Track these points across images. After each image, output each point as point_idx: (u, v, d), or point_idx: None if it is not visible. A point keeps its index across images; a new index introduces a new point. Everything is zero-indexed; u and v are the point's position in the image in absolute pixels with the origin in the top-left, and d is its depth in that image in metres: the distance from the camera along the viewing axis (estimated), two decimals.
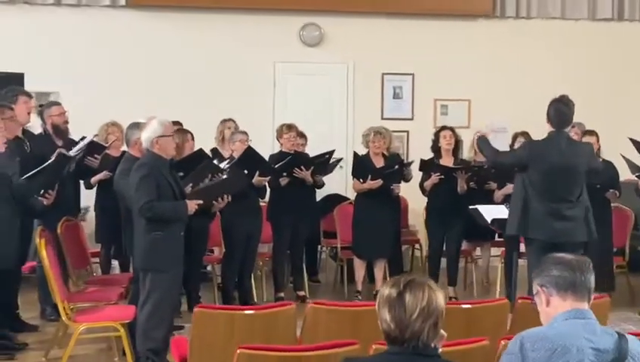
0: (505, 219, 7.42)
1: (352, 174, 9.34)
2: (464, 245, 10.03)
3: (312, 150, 9.54)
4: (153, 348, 6.17)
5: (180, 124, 9.14)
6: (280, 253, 9.35)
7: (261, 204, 9.18)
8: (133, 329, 6.41)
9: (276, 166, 8.84)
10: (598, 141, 8.82)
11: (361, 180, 9.15)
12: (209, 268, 9.64)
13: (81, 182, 8.61)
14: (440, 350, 3.08)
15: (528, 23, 11.85)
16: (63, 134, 8.44)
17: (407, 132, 11.49)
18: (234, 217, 8.63)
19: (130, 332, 6.48)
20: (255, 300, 9.06)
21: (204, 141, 9.08)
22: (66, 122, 8.54)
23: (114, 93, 10.58)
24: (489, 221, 7.77)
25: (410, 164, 9.45)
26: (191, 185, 7.09)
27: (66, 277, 7.58)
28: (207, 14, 11.08)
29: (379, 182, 9.04)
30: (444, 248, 9.39)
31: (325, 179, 9.58)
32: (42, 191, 6.92)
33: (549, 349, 3.13)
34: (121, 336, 6.45)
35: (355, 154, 9.42)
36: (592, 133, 8.95)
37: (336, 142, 10.78)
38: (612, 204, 9.16)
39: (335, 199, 10.30)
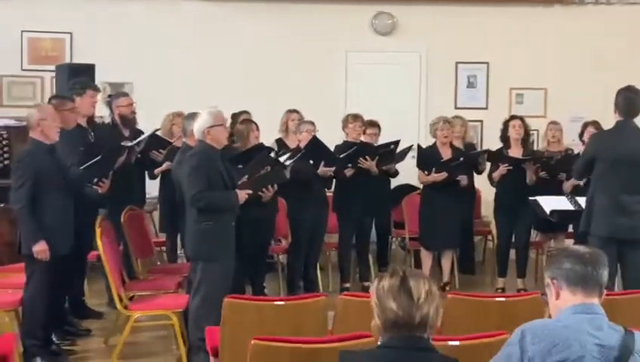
0: (565, 211, 7.25)
1: (417, 166, 9.23)
2: (537, 236, 9.89)
3: (385, 140, 9.40)
4: (204, 337, 6.24)
5: (248, 114, 9.21)
6: (345, 243, 9.30)
7: (328, 194, 9.25)
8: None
9: (341, 156, 8.80)
10: None
11: (426, 172, 9.05)
12: (281, 258, 9.67)
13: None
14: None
15: (608, 8, 11.48)
16: (130, 124, 8.58)
17: (482, 121, 11.30)
18: (300, 208, 8.70)
19: (185, 320, 6.57)
20: (321, 290, 9.07)
21: (275, 131, 9.18)
22: (134, 112, 8.68)
23: (186, 84, 10.66)
24: (548, 212, 7.58)
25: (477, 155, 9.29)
26: (246, 177, 7.12)
27: (129, 266, 7.76)
28: (278, 4, 11.09)
29: (443, 175, 8.91)
30: (513, 239, 9.26)
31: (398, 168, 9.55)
32: (96, 179, 7.00)
33: (550, 343, 3.05)
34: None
35: (419, 147, 9.31)
36: None
37: (409, 132, 10.71)
38: None
39: (406, 189, 10.20)
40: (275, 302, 4.60)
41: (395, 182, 9.88)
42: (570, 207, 7.39)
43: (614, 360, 3.05)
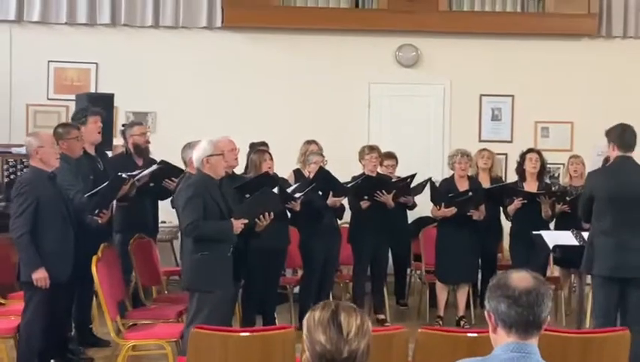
0: (568, 246, 7.12)
1: (430, 200, 9.15)
2: (557, 272, 9.71)
3: (408, 172, 9.30)
4: None
5: (266, 145, 9.20)
6: (360, 275, 9.20)
7: (342, 225, 9.22)
8: None
9: (348, 186, 8.76)
10: None
11: (438, 206, 8.96)
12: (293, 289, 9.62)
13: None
14: None
15: (636, 42, 11.36)
16: (143, 153, 8.59)
17: (506, 155, 11.17)
18: (310, 238, 8.65)
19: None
20: None
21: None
22: (147, 141, 8.70)
23: (209, 113, 10.68)
24: (550, 247, 7.44)
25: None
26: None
27: (134, 294, 7.78)
28: (301, 35, 11.10)
29: (452, 210, 8.81)
30: None
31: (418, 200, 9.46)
32: (97, 210, 7.00)
33: None
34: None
35: (431, 181, 9.22)
36: None
37: (432, 164, 10.64)
38: None
39: (425, 221, 10.12)
40: (241, 334, 4.55)
41: (415, 214, 9.80)
42: (574, 242, 7.24)
43: None
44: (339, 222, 9.12)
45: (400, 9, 11.02)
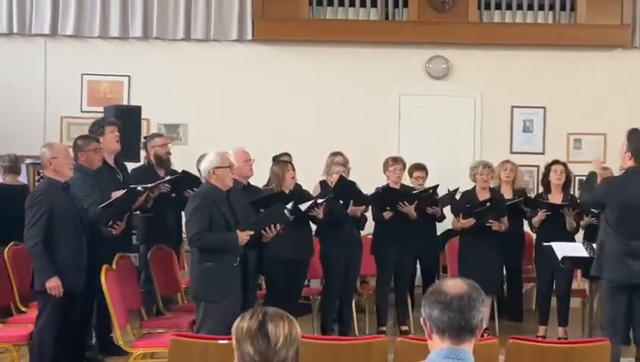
0: (577, 258, 7.07)
1: (451, 211, 9.15)
2: (583, 284, 9.60)
3: (440, 183, 9.31)
4: None
5: (289, 156, 9.25)
6: (382, 286, 9.18)
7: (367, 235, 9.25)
8: None
9: (368, 196, 8.78)
10: None
11: (457, 218, 8.94)
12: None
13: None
14: None
15: None
16: (165, 165, 8.71)
17: (538, 167, 11.06)
18: (331, 248, 8.71)
19: None
20: (356, 333, 9.01)
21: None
22: (169, 153, 8.82)
23: (239, 125, 10.70)
24: (560, 259, 7.39)
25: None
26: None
27: (150, 303, 7.88)
28: (331, 47, 11.11)
29: (470, 221, 8.77)
30: (555, 286, 9.02)
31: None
32: (111, 222, 7.06)
33: None
34: None
35: (451, 192, 9.20)
36: None
37: (463, 176, 10.55)
38: None
39: (453, 233, 10.05)
40: (220, 341, 4.59)
41: (445, 226, 9.76)
42: (584, 253, 7.18)
43: None
44: (362, 232, 9.16)
45: (430, 21, 11.00)
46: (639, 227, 6.53)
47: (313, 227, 8.74)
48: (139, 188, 7.43)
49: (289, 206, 7.55)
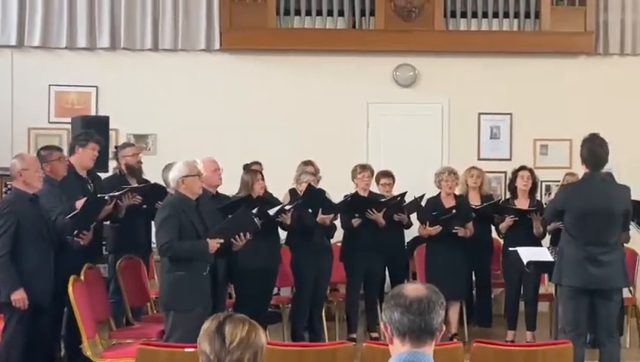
0: (541, 262, 7.14)
1: (418, 218, 9.22)
2: (550, 288, 9.68)
3: (408, 190, 9.33)
4: None
5: (260, 165, 9.27)
6: (353, 293, 9.23)
7: (335, 243, 9.28)
8: None
9: (337, 204, 8.82)
10: None
11: (424, 225, 9.00)
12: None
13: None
14: None
15: (634, 59, 11.30)
16: (136, 174, 8.68)
17: (505, 173, 11.13)
18: (301, 257, 8.74)
19: None
20: (326, 341, 9.02)
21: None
22: (140, 162, 8.79)
23: (208, 135, 10.67)
24: (525, 264, 7.47)
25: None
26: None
27: (119, 314, 7.86)
28: (299, 56, 11.13)
29: (437, 228, 8.86)
30: (522, 291, 9.09)
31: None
32: (76, 231, 7.01)
33: None
34: None
35: (417, 199, 9.25)
36: None
37: (431, 183, 10.62)
38: None
39: (421, 240, 10.09)
40: (186, 349, 4.60)
41: (413, 233, 9.80)
42: (550, 258, 7.25)
43: None
44: (332, 241, 9.19)
45: (397, 29, 11.04)
46: (595, 233, 6.57)
47: (282, 235, 8.77)
48: (106, 197, 7.40)
49: (254, 211, 7.57)
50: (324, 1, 11.02)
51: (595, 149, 6.67)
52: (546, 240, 8.98)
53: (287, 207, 8.36)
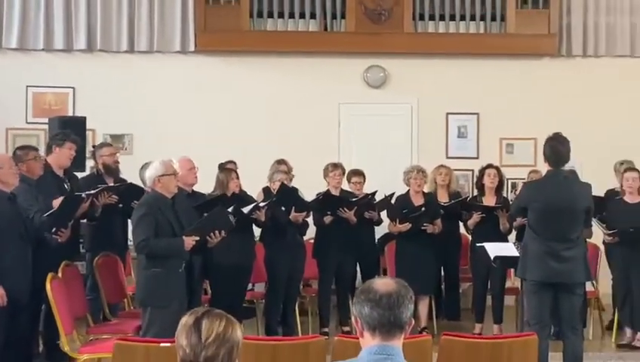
0: (507, 257, 7.19)
1: (388, 216, 9.25)
2: (517, 282, 9.74)
3: (379, 188, 9.36)
4: None
5: (234, 164, 9.26)
6: (325, 289, 9.26)
7: (308, 240, 9.29)
8: None
9: (309, 202, 8.84)
10: None
11: (394, 223, 9.05)
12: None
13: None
14: None
15: (596, 61, 11.40)
16: (113, 173, 8.63)
17: (472, 171, 11.19)
18: (275, 253, 8.73)
19: None
20: (300, 335, 9.03)
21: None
22: (117, 162, 8.75)
23: (184, 134, 10.65)
24: (492, 258, 7.53)
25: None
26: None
27: (96, 310, 7.83)
28: (272, 58, 11.13)
29: (407, 225, 8.90)
30: (489, 285, 9.15)
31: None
32: (54, 229, 6.97)
33: None
34: None
35: (387, 197, 9.28)
36: (632, 167, 8.90)
37: (400, 181, 10.65)
38: None
39: (392, 237, 10.13)
40: (162, 344, 4.58)
41: (383, 230, 9.82)
42: (515, 253, 7.29)
43: None
44: (305, 238, 9.20)
45: (367, 31, 11.06)
46: (558, 229, 6.60)
47: (256, 232, 8.77)
48: (83, 195, 7.37)
49: (230, 209, 7.56)
50: (297, 4, 11.01)
51: (557, 147, 6.71)
52: (513, 236, 9.04)
53: (261, 205, 8.36)
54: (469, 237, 9.36)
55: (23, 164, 7.09)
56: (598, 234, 8.81)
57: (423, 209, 8.94)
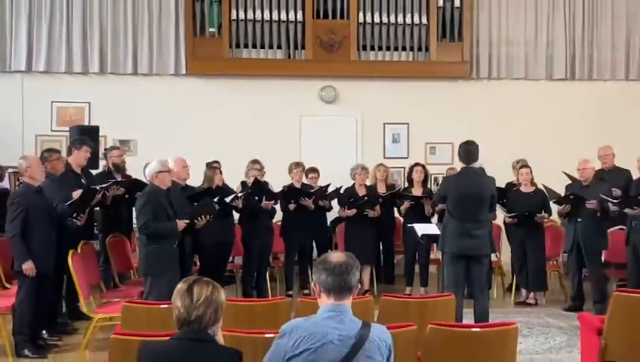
0: (434, 235, 7.22)
1: (338, 203, 9.25)
2: (438, 254, 9.77)
3: (331, 182, 9.34)
4: None
5: (218, 163, 9.17)
6: (289, 261, 9.25)
7: (276, 222, 9.25)
8: None
9: (277, 193, 8.80)
10: (531, 172, 8.73)
11: (342, 208, 9.07)
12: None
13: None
14: (218, 337, 3.03)
15: (499, 82, 11.49)
16: (120, 171, 8.55)
17: (404, 168, 11.22)
18: (249, 233, 8.68)
19: None
20: (270, 297, 8.98)
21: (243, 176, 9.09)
22: (124, 161, 8.67)
23: (177, 139, 10.51)
24: (419, 236, 7.55)
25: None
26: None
27: (108, 279, 7.73)
28: (247, 80, 11.03)
29: (353, 211, 8.90)
30: (417, 257, 9.19)
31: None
32: (74, 215, 6.91)
33: (300, 336, 2.99)
34: None
35: (337, 190, 9.26)
36: (525, 165, 8.93)
37: (347, 176, 10.64)
38: (547, 224, 8.87)
39: (341, 220, 10.13)
40: (161, 306, 4.53)
41: (334, 214, 9.80)
42: (437, 231, 7.33)
43: (351, 347, 2.99)
44: (273, 221, 9.15)
45: (322, 59, 11.02)
46: (469, 213, 6.60)
47: (235, 217, 8.72)
48: (97, 188, 7.27)
49: (215, 199, 7.51)
50: (267, 37, 10.94)
51: (468, 149, 6.72)
52: (435, 218, 9.09)
53: (239, 195, 8.31)
54: (402, 220, 9.38)
55: (48, 163, 6.99)
56: (500, 217, 8.90)
57: (366, 198, 8.95)
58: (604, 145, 9.33)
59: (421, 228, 7.69)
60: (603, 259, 8.39)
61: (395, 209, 9.46)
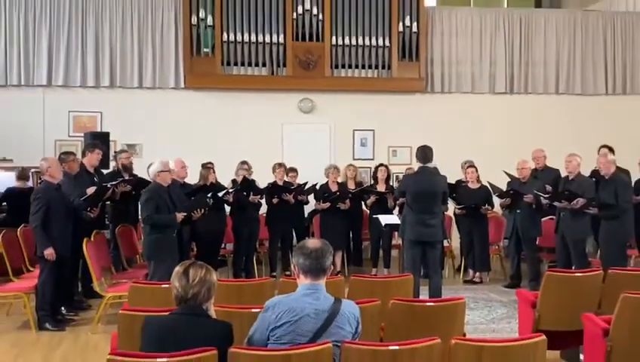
0: (395, 224, 7.23)
1: (314, 198, 9.24)
2: (399, 240, 9.76)
3: (308, 180, 9.31)
4: None
5: (212, 164, 9.10)
6: (273, 247, 9.15)
7: (262, 214, 9.21)
8: None
9: (262, 189, 8.78)
10: (477, 171, 8.72)
11: (318, 202, 9.05)
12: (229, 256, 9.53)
13: None
14: (211, 311, 3.02)
15: (449, 95, 11.54)
16: (128, 171, 8.46)
17: (370, 168, 11.22)
18: (239, 223, 8.66)
19: None
20: (256, 278, 8.93)
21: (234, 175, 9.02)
22: (131, 162, 8.58)
23: (177, 144, 10.43)
24: (383, 225, 7.57)
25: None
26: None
27: (118, 263, 7.66)
28: (237, 93, 10.97)
29: (327, 204, 8.90)
30: (381, 243, 9.21)
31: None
32: (89, 208, 6.86)
33: (282, 310, 3.00)
34: None
35: (314, 186, 9.25)
36: (472, 165, 8.96)
37: (322, 175, 10.63)
38: (490, 215, 8.94)
39: (316, 212, 10.12)
40: (163, 286, 4.51)
41: (311, 208, 9.77)
42: (398, 221, 7.33)
43: (325, 319, 3.00)
44: (260, 213, 9.13)
45: (301, 75, 10.99)
46: (424, 205, 6.63)
47: (227, 209, 8.68)
48: (108, 185, 7.21)
49: (209, 194, 7.47)
50: (253, 57, 10.88)
51: (424, 151, 6.75)
52: (396, 211, 9.11)
53: (230, 191, 8.28)
54: (368, 212, 9.39)
55: (66, 164, 6.93)
56: (451, 209, 8.95)
57: (338, 193, 8.95)
58: (537, 148, 9.41)
59: (385, 219, 7.70)
60: (537, 244, 8.47)
61: (363, 202, 9.46)
